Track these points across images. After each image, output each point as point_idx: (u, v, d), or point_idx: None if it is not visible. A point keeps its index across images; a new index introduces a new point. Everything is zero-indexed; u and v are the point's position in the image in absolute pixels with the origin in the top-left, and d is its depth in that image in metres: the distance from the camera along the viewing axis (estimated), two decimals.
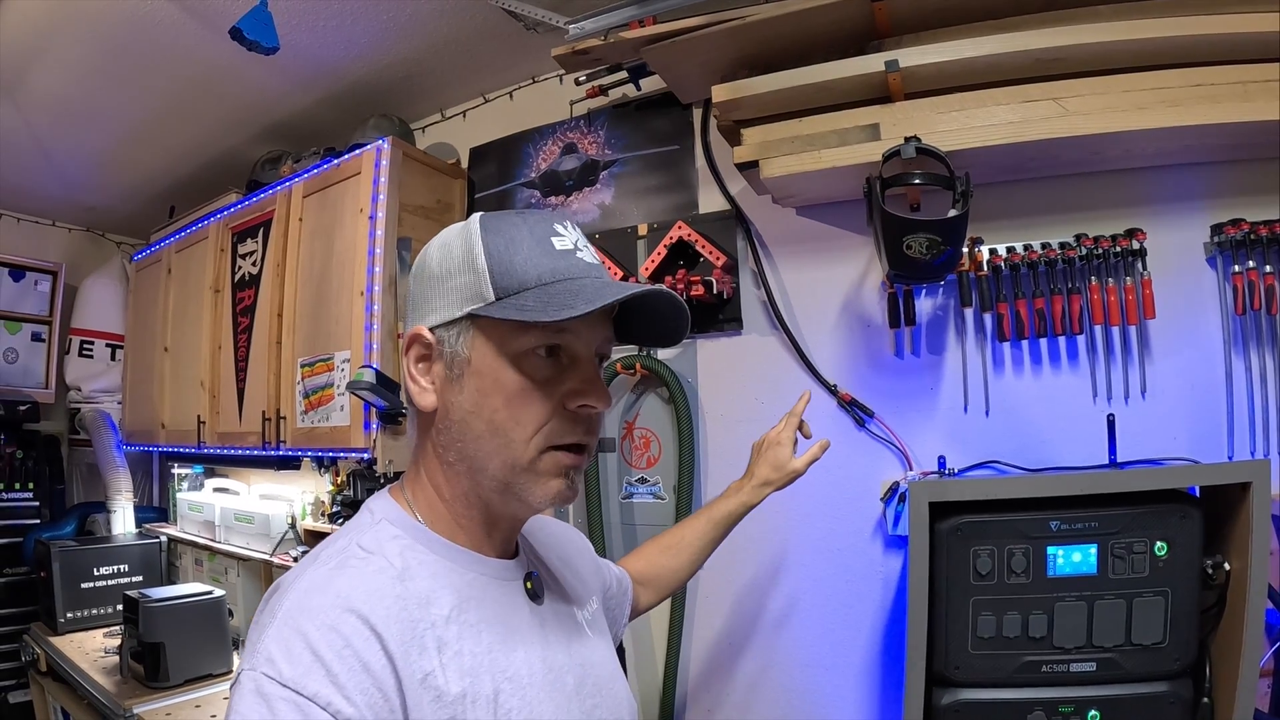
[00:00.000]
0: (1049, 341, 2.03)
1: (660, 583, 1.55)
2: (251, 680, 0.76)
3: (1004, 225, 2.06)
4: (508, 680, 0.88)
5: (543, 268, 0.90)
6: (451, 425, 0.93)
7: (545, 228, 0.93)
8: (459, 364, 0.91)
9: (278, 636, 0.78)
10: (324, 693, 0.74)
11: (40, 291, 4.33)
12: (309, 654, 0.76)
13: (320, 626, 0.78)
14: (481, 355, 0.90)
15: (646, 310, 0.96)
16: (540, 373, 0.90)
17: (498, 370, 0.90)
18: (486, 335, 0.90)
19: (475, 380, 0.91)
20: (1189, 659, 1.54)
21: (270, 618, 0.81)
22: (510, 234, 0.92)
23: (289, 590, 0.84)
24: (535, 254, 0.90)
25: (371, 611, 0.80)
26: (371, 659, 0.78)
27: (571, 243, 0.93)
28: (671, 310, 0.97)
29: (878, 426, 2.22)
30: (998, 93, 1.82)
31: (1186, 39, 1.66)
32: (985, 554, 1.57)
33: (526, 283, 0.89)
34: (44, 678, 3.44)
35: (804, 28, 1.96)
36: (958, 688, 1.60)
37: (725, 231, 2.48)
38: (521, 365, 0.90)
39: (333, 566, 0.86)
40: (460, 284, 0.91)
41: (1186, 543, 1.51)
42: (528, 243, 0.91)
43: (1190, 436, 1.89)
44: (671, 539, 1.62)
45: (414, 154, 2.91)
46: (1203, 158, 1.88)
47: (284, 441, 2.96)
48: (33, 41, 2.68)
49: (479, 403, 0.90)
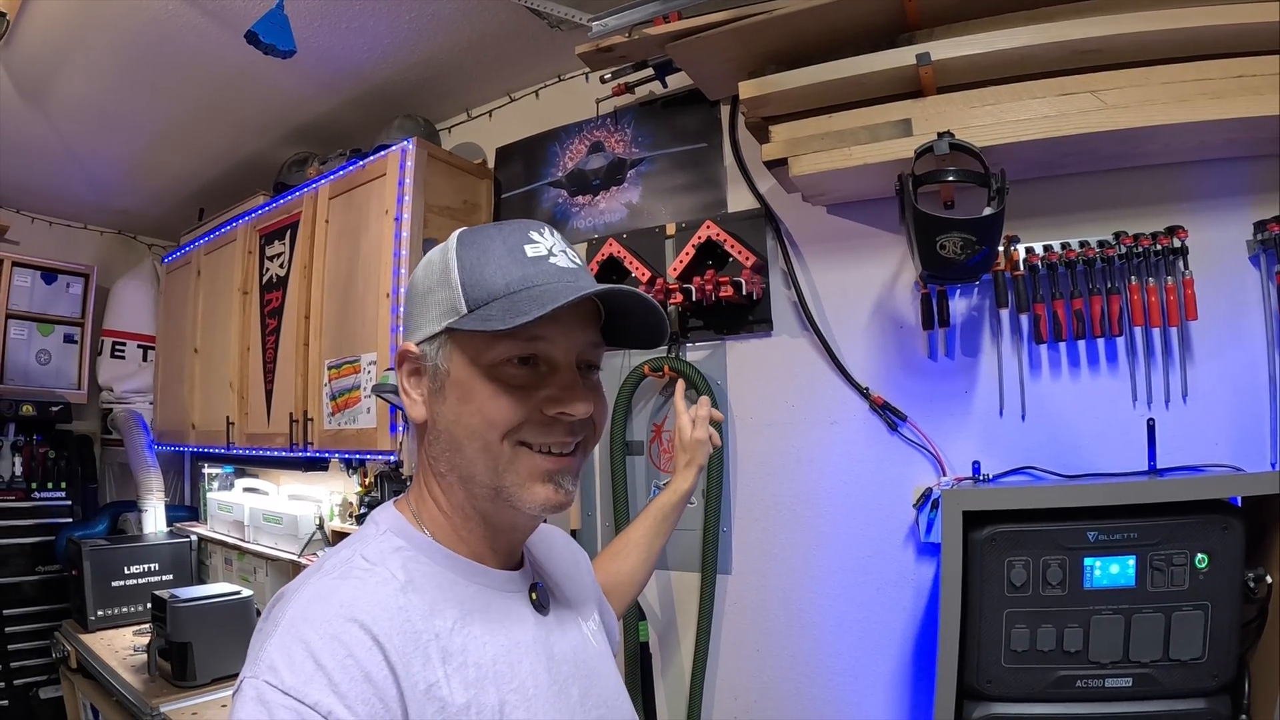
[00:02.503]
0: (1087, 343, 1.97)
1: (621, 589, 1.56)
2: (253, 688, 0.76)
3: (1040, 223, 2.00)
4: (513, 691, 0.89)
5: (511, 276, 0.90)
6: (440, 437, 0.95)
7: (520, 236, 0.93)
8: (440, 377, 0.93)
9: (280, 645, 0.78)
10: (325, 701, 0.75)
11: (72, 294, 4.38)
12: (311, 663, 0.76)
13: (323, 636, 0.78)
14: (458, 367, 0.92)
15: (627, 311, 0.95)
16: (516, 381, 0.91)
17: (473, 381, 0.91)
18: (462, 348, 0.92)
19: (455, 391, 0.92)
20: (1228, 675, 1.49)
21: (273, 626, 0.82)
22: (483, 245, 0.93)
23: (292, 599, 0.85)
24: (506, 263, 0.91)
25: (374, 622, 0.81)
26: (373, 669, 0.78)
27: (546, 249, 0.93)
28: (643, 309, 0.95)
29: (911, 431, 2.17)
30: (1033, 85, 1.77)
31: (1228, 28, 1.60)
32: (1020, 565, 1.54)
33: (495, 293, 0.89)
34: (74, 674, 3.48)
35: (832, 21, 1.92)
36: (989, 701, 1.56)
37: (754, 231, 2.44)
38: (497, 375, 0.90)
39: (336, 576, 0.87)
40: (438, 299, 0.93)
41: (1228, 555, 1.47)
42: (499, 252, 0.92)
43: (1232, 442, 1.82)
44: (618, 545, 1.64)
45: (439, 154, 2.90)
46: (1245, 152, 1.81)
47: (311, 443, 2.98)
48: (59, 49, 2.71)
49: (459, 412, 0.92)
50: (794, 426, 2.36)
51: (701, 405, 1.78)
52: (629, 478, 2.65)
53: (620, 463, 2.62)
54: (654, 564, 1.65)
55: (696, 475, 1.72)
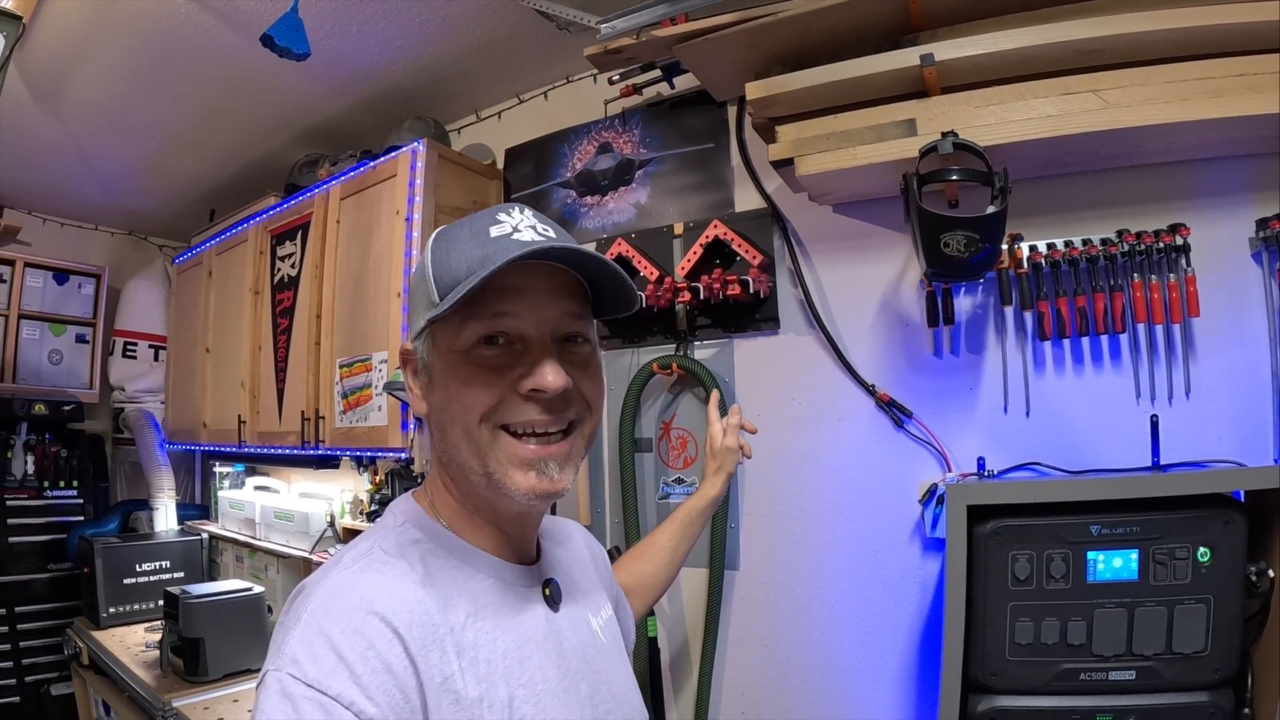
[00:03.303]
0: (1091, 340, 1.98)
1: (643, 590, 1.56)
2: (277, 681, 0.77)
3: (1044, 221, 2.02)
4: (522, 686, 0.89)
5: (472, 259, 0.89)
6: (436, 428, 0.97)
7: (487, 220, 0.93)
8: (427, 370, 0.96)
9: (302, 638, 0.79)
10: (348, 693, 0.75)
11: (84, 294, 4.42)
12: (333, 655, 0.77)
13: (344, 629, 0.79)
14: (439, 357, 0.94)
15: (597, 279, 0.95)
16: (488, 363, 0.90)
17: (451, 367, 0.92)
18: (437, 338, 0.94)
19: (441, 382, 0.93)
20: (1230, 669, 1.50)
21: (295, 619, 0.82)
22: (453, 235, 0.94)
23: (313, 593, 0.85)
24: (469, 248, 0.90)
25: (394, 614, 0.81)
26: (394, 660, 0.79)
27: (511, 226, 0.91)
28: (604, 271, 0.94)
29: (916, 427, 2.18)
30: (1036, 85, 1.79)
31: (1229, 27, 1.61)
32: (1024, 558, 1.55)
33: (458, 278, 0.89)
34: (86, 671, 3.50)
35: (837, 22, 1.94)
36: (994, 694, 1.58)
37: (762, 230, 2.46)
38: (470, 359, 0.91)
39: (356, 570, 0.88)
40: (420, 295, 0.95)
41: (1230, 549, 1.48)
42: (464, 239, 0.92)
43: (1235, 438, 1.84)
44: (645, 546, 1.65)
45: (449, 155, 2.91)
46: (1247, 150, 1.82)
47: (323, 441, 2.99)
48: (72, 52, 2.74)
49: (444, 400, 0.93)
50: (801, 423, 2.38)
51: (733, 414, 1.78)
52: (638, 475, 2.67)
53: (629, 460, 2.63)
54: (679, 567, 1.65)
55: (725, 482, 1.72)
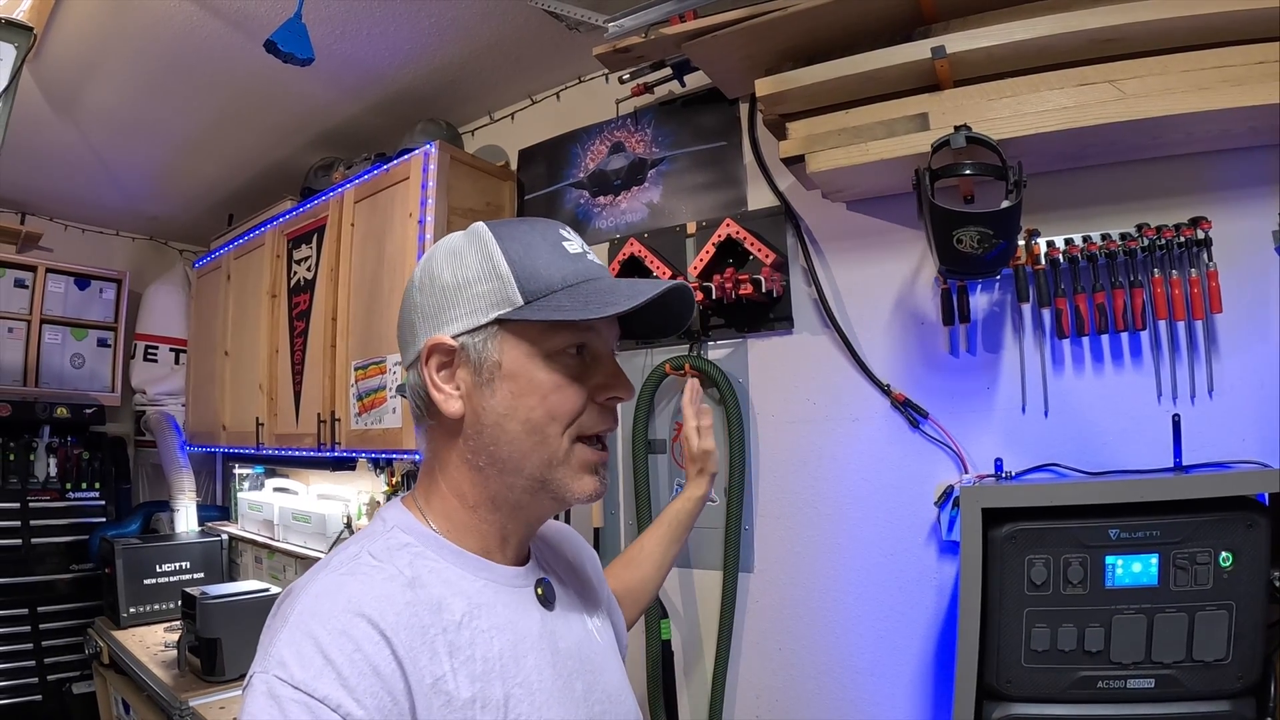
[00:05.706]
0: (1110, 338, 1.93)
1: (633, 596, 1.56)
2: (263, 682, 0.78)
3: (1061, 216, 1.97)
4: (518, 686, 0.90)
5: (566, 270, 0.94)
6: (484, 430, 0.95)
7: (554, 233, 0.98)
8: (488, 368, 0.94)
9: (289, 640, 0.80)
10: (334, 695, 0.76)
11: (105, 299, 4.47)
12: (320, 657, 0.78)
13: (331, 631, 0.79)
14: (513, 358, 0.93)
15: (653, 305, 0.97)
16: (570, 370, 0.95)
17: (532, 370, 0.93)
18: (518, 338, 0.93)
19: (509, 383, 0.93)
20: (1253, 677, 1.45)
21: (282, 622, 0.83)
22: (525, 239, 0.95)
23: (300, 595, 0.85)
24: (554, 258, 0.94)
25: (381, 616, 0.82)
26: (381, 663, 0.79)
27: (580, 247, 0.98)
28: (681, 305, 1.02)
29: (932, 428, 2.15)
30: (1051, 76, 1.74)
31: (1248, 14, 1.56)
32: (1040, 563, 1.51)
33: (553, 285, 0.92)
34: (106, 670, 3.55)
35: (847, 16, 1.91)
36: (1009, 702, 1.54)
37: (774, 228, 2.43)
38: (554, 364, 0.94)
39: (344, 573, 0.88)
40: (483, 291, 0.94)
41: (1253, 553, 1.43)
42: (543, 248, 0.95)
43: (1259, 438, 1.78)
44: (633, 552, 1.65)
45: (462, 157, 2.91)
46: (1270, 140, 1.76)
47: (339, 443, 3.00)
48: (87, 61, 2.77)
49: (513, 404, 0.93)
50: (815, 424, 2.35)
51: (704, 415, 1.78)
52: (652, 476, 2.65)
53: (643, 461, 2.62)
54: (668, 570, 1.66)
55: (709, 483, 1.73)
